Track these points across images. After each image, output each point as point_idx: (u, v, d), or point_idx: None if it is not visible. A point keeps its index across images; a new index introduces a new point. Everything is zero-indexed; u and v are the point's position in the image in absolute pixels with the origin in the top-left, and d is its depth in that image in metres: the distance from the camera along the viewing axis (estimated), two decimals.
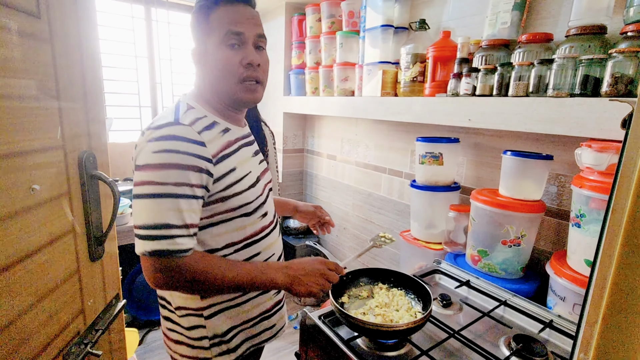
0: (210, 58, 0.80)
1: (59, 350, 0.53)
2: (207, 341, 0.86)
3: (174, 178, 0.70)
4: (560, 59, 0.97)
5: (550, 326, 0.92)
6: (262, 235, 0.89)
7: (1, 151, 0.42)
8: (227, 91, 0.82)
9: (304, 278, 0.80)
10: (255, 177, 0.87)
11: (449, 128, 1.58)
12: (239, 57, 0.79)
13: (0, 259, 0.42)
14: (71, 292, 0.55)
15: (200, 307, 0.84)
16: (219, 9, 0.78)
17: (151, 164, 0.69)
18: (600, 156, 0.91)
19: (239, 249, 0.85)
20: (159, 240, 0.69)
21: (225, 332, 0.87)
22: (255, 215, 0.87)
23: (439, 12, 1.56)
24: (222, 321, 0.86)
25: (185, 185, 0.71)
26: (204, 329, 0.85)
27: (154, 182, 0.69)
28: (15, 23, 0.44)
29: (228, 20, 0.77)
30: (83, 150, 0.57)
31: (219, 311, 0.86)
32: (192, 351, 0.87)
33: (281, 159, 2.63)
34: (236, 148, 0.84)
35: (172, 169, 0.69)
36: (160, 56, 2.51)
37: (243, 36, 0.78)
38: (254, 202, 0.85)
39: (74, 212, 0.55)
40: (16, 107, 0.45)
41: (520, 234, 1.15)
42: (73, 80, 0.55)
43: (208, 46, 0.80)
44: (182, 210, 0.71)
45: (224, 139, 0.81)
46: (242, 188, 0.82)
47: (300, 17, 2.28)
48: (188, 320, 0.85)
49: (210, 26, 0.79)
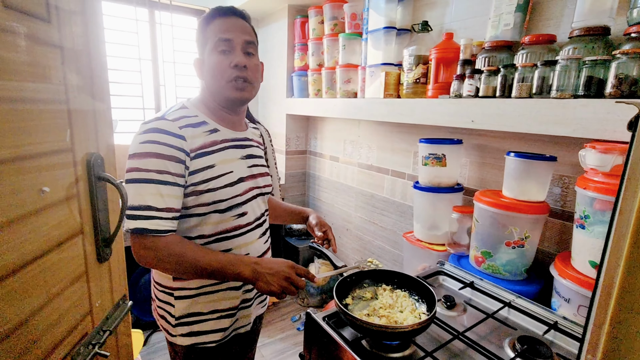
0: (207, 64, 0.90)
1: (68, 351, 0.53)
2: (173, 319, 0.93)
3: (155, 166, 0.79)
4: (564, 60, 0.97)
5: (555, 328, 0.92)
6: (235, 234, 0.94)
7: (12, 154, 0.43)
8: (219, 91, 0.91)
9: (269, 277, 0.83)
10: (236, 178, 0.92)
11: (452, 129, 1.58)
12: (229, 60, 0.88)
13: (12, 260, 0.43)
14: (79, 293, 0.55)
15: (171, 286, 0.92)
16: (214, 22, 0.89)
17: (137, 152, 0.80)
18: (604, 157, 0.91)
19: (210, 241, 0.91)
20: (141, 220, 0.78)
21: (190, 315, 0.93)
22: (229, 213, 0.92)
23: (441, 14, 1.57)
24: (189, 305, 0.93)
25: (166, 173, 0.80)
26: (172, 307, 0.93)
27: (139, 169, 0.79)
28: (27, 28, 0.44)
29: (219, 30, 0.88)
30: (91, 152, 0.57)
31: (187, 296, 0.92)
32: (164, 323, 0.96)
33: (284, 161, 2.63)
34: (220, 148, 0.91)
35: (153, 158, 0.79)
36: (163, 59, 2.53)
37: (232, 42, 0.88)
38: (228, 201, 0.90)
39: (82, 214, 0.55)
40: (27, 110, 0.45)
41: (524, 235, 1.15)
42: (81, 84, 0.55)
43: (205, 55, 0.91)
44: (163, 195, 0.80)
45: (209, 138, 0.89)
46: (217, 185, 0.88)
47: (303, 19, 2.29)
48: (162, 295, 0.94)
49: (205, 37, 0.90)
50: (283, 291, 0.84)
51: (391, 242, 2.02)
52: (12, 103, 0.43)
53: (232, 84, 0.89)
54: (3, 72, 0.41)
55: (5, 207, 0.42)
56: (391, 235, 2.02)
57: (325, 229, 1.11)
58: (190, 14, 2.65)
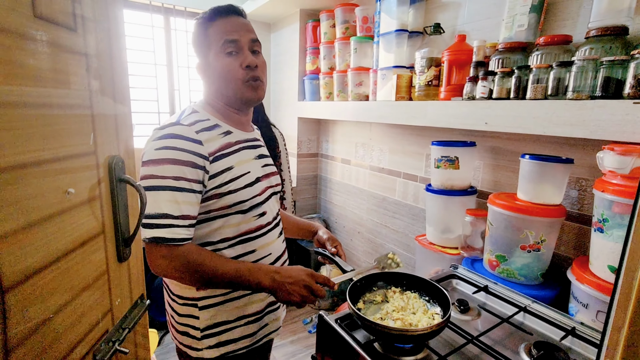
0: (213, 68, 0.88)
1: (90, 347, 0.55)
2: (198, 332, 0.90)
3: (171, 172, 0.77)
4: (580, 60, 0.95)
5: (572, 334, 0.90)
6: (257, 234, 0.93)
7: (41, 157, 0.45)
8: (234, 93, 0.89)
9: (289, 286, 0.82)
10: (254, 178, 0.92)
11: (465, 132, 1.57)
12: (238, 61, 0.87)
13: (39, 259, 0.45)
14: (101, 291, 0.57)
15: (195, 297, 0.89)
16: (215, 23, 0.87)
17: (152, 159, 0.78)
18: (623, 159, 0.90)
19: (233, 244, 0.89)
20: (157, 229, 0.76)
21: (217, 325, 0.90)
22: (251, 213, 0.91)
23: (453, 16, 1.56)
24: (214, 314, 0.90)
25: (182, 180, 0.78)
26: (196, 320, 0.89)
27: (155, 176, 0.77)
28: (55, 37, 0.47)
29: (224, 31, 0.86)
30: (112, 155, 0.59)
31: (212, 304, 0.90)
32: (186, 339, 0.92)
33: (295, 164, 2.65)
34: (236, 149, 0.90)
35: (169, 164, 0.77)
36: (178, 64, 2.58)
37: (239, 43, 0.86)
38: (249, 201, 0.89)
39: (103, 214, 0.57)
40: (54, 115, 0.47)
41: (540, 239, 1.13)
42: (104, 89, 0.58)
43: (210, 58, 0.88)
44: (179, 202, 0.78)
45: (224, 140, 0.88)
46: (238, 186, 0.87)
47: (315, 23, 2.31)
48: (184, 309, 0.90)
49: (209, 40, 0.87)
50: (303, 300, 0.82)
51: (403, 246, 2.01)
52: (41, 108, 0.45)
53: (248, 85, 0.88)
54: (32, 79, 0.43)
55: (34, 207, 0.44)
56: (403, 239, 2.00)
57: (336, 244, 1.08)
58: None
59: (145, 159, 0.79)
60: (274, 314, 1.00)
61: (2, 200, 0.39)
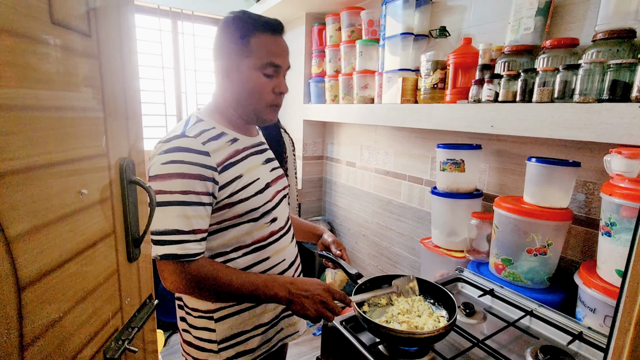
0: (243, 77, 0.85)
1: (100, 345, 0.56)
2: (215, 345, 0.88)
3: (180, 187, 0.76)
4: (587, 64, 0.95)
5: (580, 338, 0.89)
6: (270, 240, 0.92)
7: (56, 158, 0.46)
8: (254, 111, 0.89)
9: (305, 300, 0.80)
10: (264, 184, 0.90)
11: (470, 135, 1.57)
12: (272, 85, 0.87)
13: (53, 258, 0.46)
14: (111, 290, 0.58)
15: (210, 309, 0.88)
16: (261, 35, 0.83)
17: (160, 174, 0.76)
18: (631, 163, 0.89)
19: (248, 252, 0.88)
20: (168, 245, 0.75)
21: (235, 336, 0.89)
22: (263, 220, 0.90)
23: (459, 19, 1.56)
24: (231, 325, 0.89)
25: (191, 193, 0.77)
26: (213, 333, 0.88)
27: (163, 192, 0.75)
28: (70, 41, 0.48)
29: (270, 51, 0.84)
30: (123, 157, 0.61)
31: (229, 315, 0.88)
32: (202, 354, 0.90)
33: (301, 166, 2.66)
34: (244, 156, 0.89)
35: (178, 179, 0.76)
36: (185, 67, 2.61)
37: (280, 69, 0.87)
38: (261, 208, 0.88)
39: (114, 215, 0.59)
40: (67, 117, 0.49)
41: (547, 243, 1.12)
42: (116, 92, 0.59)
43: (242, 66, 0.84)
44: (189, 216, 0.76)
45: (231, 148, 0.87)
46: (249, 194, 0.86)
47: (320, 26, 2.33)
48: (200, 321, 0.89)
49: (249, 49, 0.83)
50: (319, 315, 0.80)
51: (408, 249, 2.01)
52: (54, 111, 0.46)
53: (271, 109, 0.90)
54: (46, 83, 0.45)
55: (50, 208, 0.45)
56: (408, 242, 2.00)
57: (341, 247, 1.07)
58: (211, 23, 2.74)
59: (152, 173, 0.77)
60: (288, 319, 1.00)
61: (18, 201, 0.40)
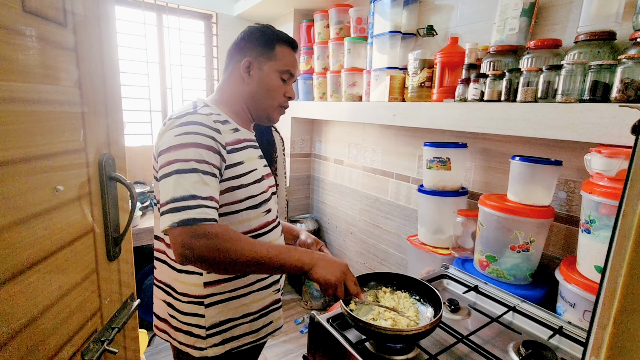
0: (263, 75, 0.95)
1: (78, 347, 0.54)
2: (203, 330, 0.89)
3: (195, 155, 0.76)
4: (569, 64, 0.97)
5: (560, 333, 0.91)
6: (266, 230, 0.95)
7: (28, 153, 0.44)
8: (264, 108, 0.98)
9: (328, 266, 0.81)
10: (260, 175, 0.94)
11: (457, 133, 1.58)
12: (284, 89, 0.99)
13: (26, 257, 0.44)
14: (90, 290, 0.57)
15: (202, 294, 0.88)
16: (284, 47, 0.97)
17: (174, 144, 0.77)
18: (610, 162, 0.91)
19: None
20: (186, 210, 0.71)
21: (223, 322, 0.90)
22: (260, 209, 0.93)
23: (446, 19, 1.58)
24: (220, 311, 0.90)
25: (205, 163, 0.77)
26: (202, 318, 0.89)
27: (179, 160, 0.75)
28: (44, 32, 0.46)
29: (290, 62, 0.98)
30: (103, 153, 0.59)
31: (219, 301, 0.89)
32: (189, 339, 0.90)
33: (289, 163, 2.65)
34: (245, 146, 0.92)
35: (193, 148, 0.77)
36: (171, 62, 2.56)
37: (293, 77, 1.01)
38: (258, 196, 0.91)
39: (93, 212, 0.57)
40: (43, 111, 0.47)
41: (529, 240, 1.15)
42: (95, 86, 0.57)
43: (265, 66, 0.95)
44: (207, 183, 0.76)
45: (234, 136, 0.90)
46: (248, 181, 0.89)
47: (309, 23, 2.31)
48: (189, 307, 0.89)
49: (274, 54, 0.96)
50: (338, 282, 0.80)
51: (395, 246, 2.02)
52: (29, 104, 0.44)
53: (278, 110, 1.01)
54: (19, 74, 0.43)
55: (22, 205, 0.43)
56: (395, 239, 2.02)
57: (320, 245, 1.09)
58: (197, 17, 2.68)
59: (166, 146, 0.78)
60: (277, 312, 1.02)
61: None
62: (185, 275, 0.89)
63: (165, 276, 0.93)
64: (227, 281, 0.90)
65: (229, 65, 0.99)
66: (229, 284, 0.90)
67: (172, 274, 0.90)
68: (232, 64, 0.98)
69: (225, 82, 0.99)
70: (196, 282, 0.88)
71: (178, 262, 0.72)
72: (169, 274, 0.91)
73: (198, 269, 0.87)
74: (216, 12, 2.67)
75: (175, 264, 0.90)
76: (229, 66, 0.99)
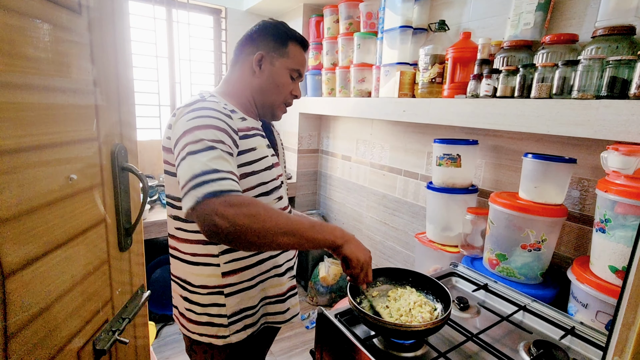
0: (274, 70, 0.96)
1: (90, 336, 0.54)
2: (225, 319, 0.91)
3: (211, 136, 0.75)
4: (586, 60, 0.95)
5: (572, 333, 0.90)
6: None
7: (42, 141, 0.44)
8: (270, 103, 0.99)
9: (359, 245, 0.82)
10: (270, 163, 0.95)
11: (467, 130, 1.56)
12: (292, 87, 1.00)
13: (40, 245, 0.44)
14: (102, 280, 0.57)
15: (221, 284, 0.90)
16: (296, 45, 0.98)
17: (189, 127, 0.75)
18: (628, 160, 0.89)
19: None
20: (209, 184, 0.67)
21: (243, 310, 0.94)
22: (272, 196, 0.94)
23: (458, 13, 1.55)
24: (241, 300, 0.93)
25: (222, 143, 0.76)
26: (223, 307, 0.91)
27: (195, 141, 0.73)
28: (60, 19, 0.46)
29: (300, 61, 0.99)
30: (115, 143, 0.59)
31: (238, 290, 0.92)
32: (211, 329, 0.92)
33: (296, 159, 2.64)
34: (254, 134, 0.93)
35: (208, 129, 0.75)
36: (180, 56, 2.56)
37: (301, 77, 1.02)
38: (270, 183, 0.92)
39: (105, 203, 0.57)
40: (57, 100, 0.47)
41: (541, 239, 1.13)
42: (108, 75, 0.57)
43: (276, 62, 0.96)
44: (226, 160, 0.73)
45: (243, 124, 0.91)
46: (260, 168, 0.90)
47: (318, 18, 2.29)
48: (208, 298, 0.91)
49: (286, 51, 0.96)
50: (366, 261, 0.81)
51: (402, 243, 2.01)
52: (42, 93, 0.44)
53: (283, 107, 1.02)
54: (35, 64, 0.43)
55: (36, 192, 0.43)
56: (403, 236, 2.00)
57: None
58: (206, 12, 2.68)
59: (181, 131, 0.76)
60: (294, 298, 1.06)
61: (3, 185, 0.38)
62: (202, 267, 0.90)
63: (180, 271, 0.93)
64: (244, 269, 0.92)
65: (239, 56, 0.98)
66: (246, 272, 0.92)
67: (187, 268, 0.91)
68: (243, 56, 0.97)
69: (233, 74, 0.99)
70: (214, 273, 0.90)
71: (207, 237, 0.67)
72: (183, 269, 0.92)
73: (214, 261, 0.89)
74: (225, 7, 2.67)
75: (190, 257, 0.90)
76: (239, 58, 0.98)
